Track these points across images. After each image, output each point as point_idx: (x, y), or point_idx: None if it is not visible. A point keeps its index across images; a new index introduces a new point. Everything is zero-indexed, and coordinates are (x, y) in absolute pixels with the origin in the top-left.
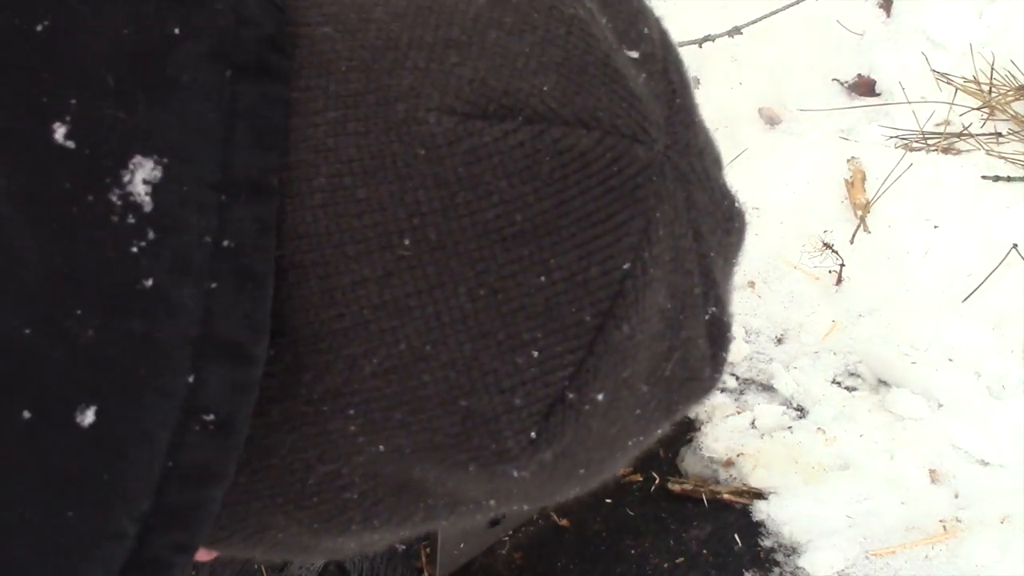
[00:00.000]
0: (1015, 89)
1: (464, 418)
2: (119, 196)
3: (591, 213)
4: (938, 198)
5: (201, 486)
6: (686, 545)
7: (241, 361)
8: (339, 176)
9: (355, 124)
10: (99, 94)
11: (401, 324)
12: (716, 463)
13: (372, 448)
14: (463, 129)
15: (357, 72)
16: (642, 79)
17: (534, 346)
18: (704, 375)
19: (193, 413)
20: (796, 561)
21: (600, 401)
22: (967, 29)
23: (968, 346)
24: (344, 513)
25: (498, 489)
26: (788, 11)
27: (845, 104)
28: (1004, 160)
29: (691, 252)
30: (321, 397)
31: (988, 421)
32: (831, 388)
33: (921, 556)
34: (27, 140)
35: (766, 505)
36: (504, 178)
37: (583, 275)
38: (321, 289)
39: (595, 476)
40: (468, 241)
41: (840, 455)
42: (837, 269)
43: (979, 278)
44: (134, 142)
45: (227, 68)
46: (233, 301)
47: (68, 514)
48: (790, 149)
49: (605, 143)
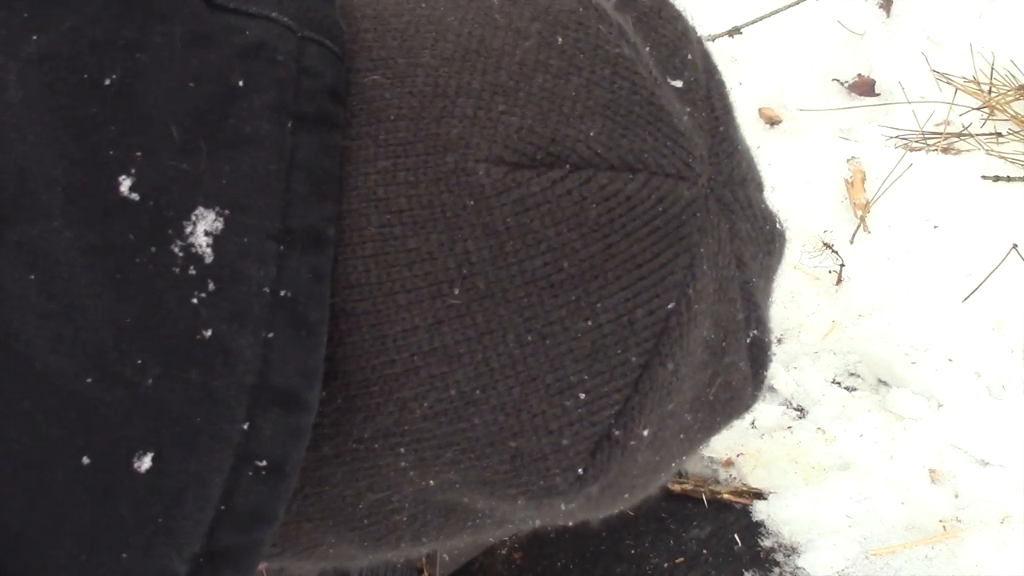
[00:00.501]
0: (1015, 89)
1: (513, 457)
2: (181, 247)
3: (636, 255)
4: (938, 198)
5: (251, 529)
6: (686, 545)
7: (294, 408)
8: (390, 226)
9: (405, 174)
10: (164, 146)
11: (451, 370)
12: (716, 463)
13: (422, 482)
14: (511, 179)
15: (406, 120)
16: (686, 113)
17: (581, 388)
18: (746, 394)
19: (247, 459)
20: (796, 561)
21: (645, 436)
22: (967, 29)
23: (968, 346)
24: (394, 533)
25: (545, 515)
26: (788, 11)
27: (845, 104)
28: (1004, 160)
29: (734, 281)
30: (372, 436)
31: (988, 421)
32: (831, 388)
33: (921, 556)
34: (94, 193)
35: (766, 505)
36: (552, 226)
37: (629, 316)
38: (372, 336)
39: (639, 497)
40: (516, 289)
41: (840, 455)
42: (837, 269)
43: (979, 278)
44: (197, 193)
45: (289, 119)
46: (289, 350)
47: (122, 555)
48: (790, 149)
49: (650, 185)
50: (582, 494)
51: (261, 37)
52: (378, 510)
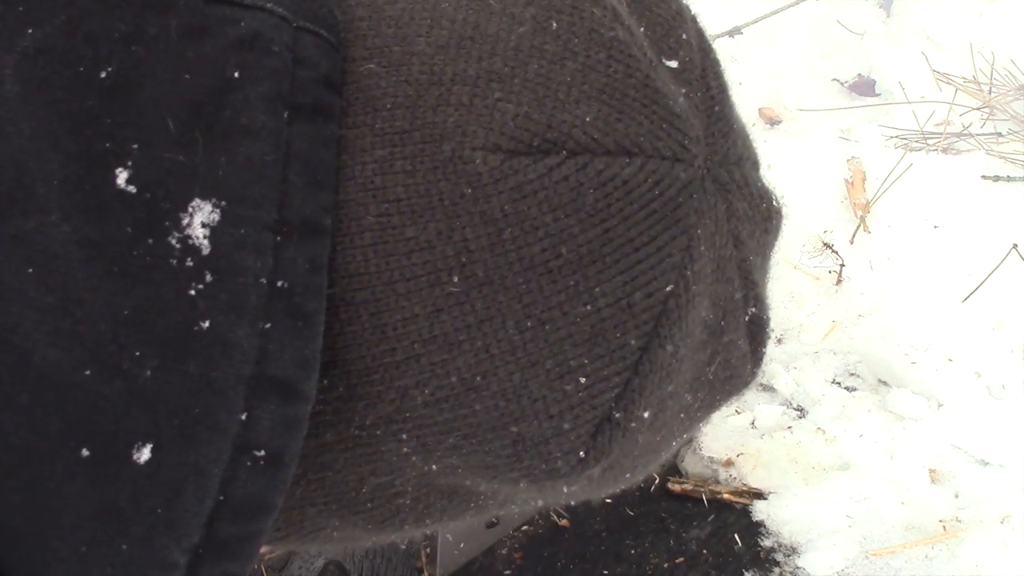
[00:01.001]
0: (1015, 89)
1: (515, 442)
2: (178, 239)
3: (634, 239)
4: (938, 198)
5: (250, 519)
6: (686, 545)
7: (292, 399)
8: (388, 215)
9: (402, 163)
10: (160, 139)
11: (451, 357)
12: (716, 463)
13: (425, 467)
14: (508, 167)
15: (402, 109)
16: (682, 94)
17: (581, 372)
18: (745, 371)
19: (245, 450)
20: (796, 561)
21: (646, 417)
22: (967, 29)
23: (968, 346)
24: (397, 516)
25: (547, 496)
26: (788, 11)
27: (845, 104)
28: (1004, 160)
29: (732, 260)
30: (374, 423)
31: (988, 421)
32: (831, 388)
33: (921, 556)
34: (90, 186)
35: (766, 505)
36: (549, 212)
37: (627, 300)
38: (372, 325)
39: (640, 476)
40: (515, 275)
41: (840, 455)
42: (837, 269)
43: (979, 278)
44: (193, 185)
45: (284, 110)
46: (286, 340)
47: (122, 547)
48: (790, 149)
49: (647, 169)
50: (584, 476)
51: (256, 28)
52: (381, 494)
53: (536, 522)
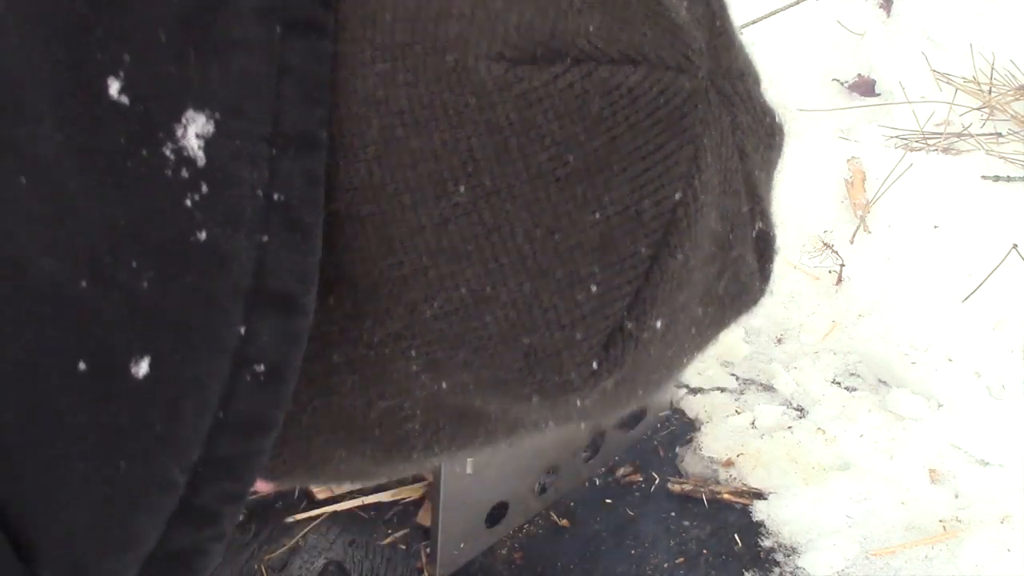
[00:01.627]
0: (1015, 89)
1: (526, 354)
2: (172, 150)
3: (640, 147)
4: (938, 198)
5: (250, 436)
6: (686, 545)
7: (291, 312)
8: (391, 128)
9: (404, 75)
10: (152, 50)
11: (460, 269)
12: (716, 463)
13: (434, 385)
14: (512, 75)
15: (403, 22)
16: (684, 7)
17: (592, 281)
18: (754, 288)
19: (244, 364)
20: (796, 561)
21: (658, 328)
22: (967, 29)
23: (968, 346)
24: (406, 443)
25: (559, 414)
26: (788, 11)
27: (845, 104)
28: (1004, 160)
29: (738, 173)
30: (382, 340)
31: (988, 421)
32: (831, 388)
33: (921, 556)
34: (82, 96)
35: (766, 505)
36: (555, 120)
37: (636, 208)
38: (379, 239)
39: (652, 393)
40: (522, 184)
41: (840, 455)
42: (837, 269)
43: (979, 278)
44: (186, 97)
45: (277, 24)
46: (284, 253)
47: (120, 464)
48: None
49: (651, 78)
50: (597, 389)
51: None
52: (390, 419)
53: (536, 522)
